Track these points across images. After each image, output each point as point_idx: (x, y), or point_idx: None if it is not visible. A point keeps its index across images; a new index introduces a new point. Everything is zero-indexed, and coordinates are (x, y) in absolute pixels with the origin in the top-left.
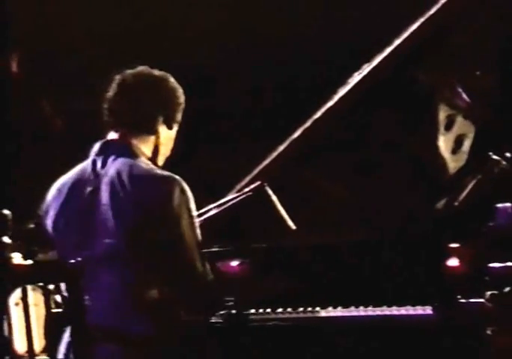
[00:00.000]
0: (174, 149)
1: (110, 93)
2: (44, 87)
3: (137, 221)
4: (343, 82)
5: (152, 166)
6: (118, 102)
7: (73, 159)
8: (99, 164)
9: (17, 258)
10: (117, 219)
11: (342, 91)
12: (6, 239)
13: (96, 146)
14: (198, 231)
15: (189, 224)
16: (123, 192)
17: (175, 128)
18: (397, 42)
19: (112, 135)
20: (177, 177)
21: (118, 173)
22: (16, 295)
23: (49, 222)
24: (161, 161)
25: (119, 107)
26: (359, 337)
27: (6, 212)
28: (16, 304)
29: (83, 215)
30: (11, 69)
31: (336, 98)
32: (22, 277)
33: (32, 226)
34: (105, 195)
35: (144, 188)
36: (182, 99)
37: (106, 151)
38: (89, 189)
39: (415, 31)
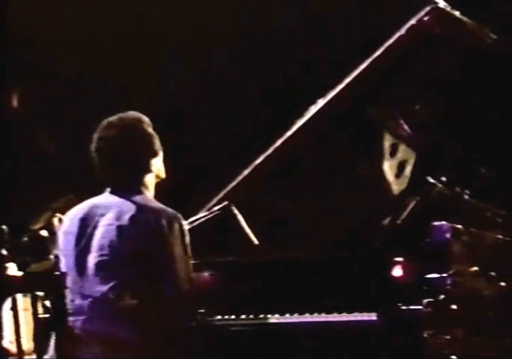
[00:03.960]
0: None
1: (103, 152)
2: (39, 119)
3: (136, 243)
4: (300, 115)
5: (155, 201)
6: (115, 158)
7: (63, 180)
8: (111, 196)
9: (12, 268)
10: (119, 238)
11: (299, 122)
12: (3, 251)
13: (111, 187)
14: (191, 260)
15: (181, 252)
16: (128, 217)
17: (161, 153)
18: (348, 80)
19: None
20: (176, 212)
21: (126, 203)
22: (10, 301)
23: (60, 235)
24: (162, 176)
25: (121, 166)
26: (313, 340)
27: (2, 226)
28: (11, 309)
29: (89, 231)
30: (11, 104)
31: (293, 128)
32: (15, 287)
33: (26, 239)
34: (112, 217)
35: (146, 217)
36: (151, 127)
37: (119, 190)
38: (100, 212)
39: (363, 70)
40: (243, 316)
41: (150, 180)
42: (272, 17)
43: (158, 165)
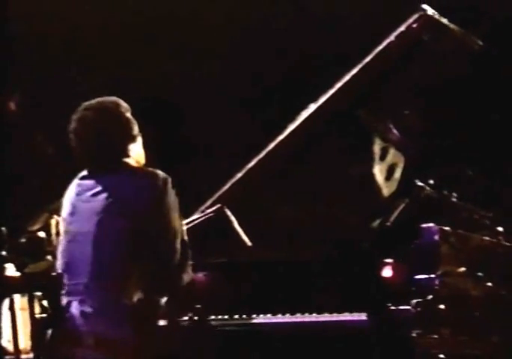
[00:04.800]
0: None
1: (80, 133)
2: (37, 120)
3: (133, 207)
4: (293, 119)
5: (141, 168)
6: (95, 143)
7: (61, 181)
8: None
9: (10, 268)
10: (115, 204)
11: (291, 126)
12: (2, 253)
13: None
14: (182, 221)
15: (174, 213)
16: (124, 184)
17: (139, 138)
18: (339, 85)
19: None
20: (166, 175)
21: (119, 171)
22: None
23: (63, 212)
24: (142, 162)
25: (97, 148)
26: (304, 340)
27: (1, 228)
28: (9, 309)
29: (88, 201)
30: (9, 106)
31: (286, 132)
32: (13, 287)
33: (23, 240)
34: (103, 202)
35: (139, 182)
36: (130, 113)
37: (98, 170)
38: (94, 183)
39: (354, 75)
40: (236, 316)
41: (132, 160)
42: (270, 20)
43: (137, 150)
